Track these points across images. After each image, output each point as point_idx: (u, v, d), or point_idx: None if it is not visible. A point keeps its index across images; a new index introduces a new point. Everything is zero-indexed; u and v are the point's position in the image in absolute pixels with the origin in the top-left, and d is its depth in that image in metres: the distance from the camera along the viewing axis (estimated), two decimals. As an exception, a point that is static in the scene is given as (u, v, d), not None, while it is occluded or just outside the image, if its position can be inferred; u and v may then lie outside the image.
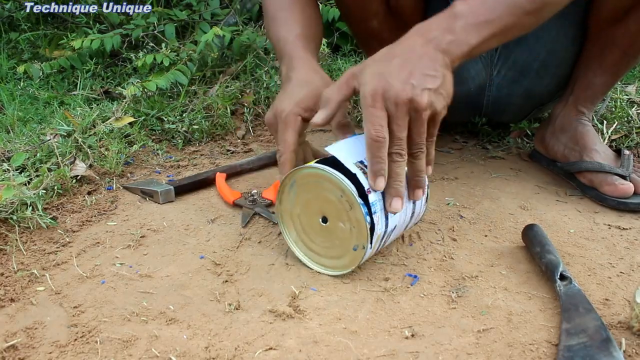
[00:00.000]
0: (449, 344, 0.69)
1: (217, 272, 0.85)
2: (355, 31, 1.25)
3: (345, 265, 0.81)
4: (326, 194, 0.78)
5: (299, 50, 0.96)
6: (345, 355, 0.67)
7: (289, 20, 1.02)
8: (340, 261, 0.82)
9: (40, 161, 1.17)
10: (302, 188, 0.82)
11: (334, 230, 0.80)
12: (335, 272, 0.83)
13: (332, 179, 0.76)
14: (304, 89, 0.89)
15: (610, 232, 0.98)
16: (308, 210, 0.83)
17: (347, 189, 0.75)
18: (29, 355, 0.68)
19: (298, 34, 0.99)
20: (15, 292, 0.80)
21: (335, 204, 0.78)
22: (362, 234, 0.77)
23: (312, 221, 0.83)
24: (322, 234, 0.82)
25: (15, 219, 0.96)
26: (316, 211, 0.81)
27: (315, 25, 1.05)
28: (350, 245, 0.79)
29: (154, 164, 1.26)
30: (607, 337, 0.67)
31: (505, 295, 0.79)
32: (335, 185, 0.77)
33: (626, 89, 1.58)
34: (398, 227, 0.83)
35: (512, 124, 1.44)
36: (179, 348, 0.68)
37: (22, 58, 1.93)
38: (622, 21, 1.04)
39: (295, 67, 0.94)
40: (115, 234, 0.96)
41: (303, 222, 0.84)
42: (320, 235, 0.83)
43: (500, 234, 0.97)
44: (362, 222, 0.75)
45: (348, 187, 0.75)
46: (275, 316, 0.74)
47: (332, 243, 0.82)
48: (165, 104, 1.47)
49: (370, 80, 0.72)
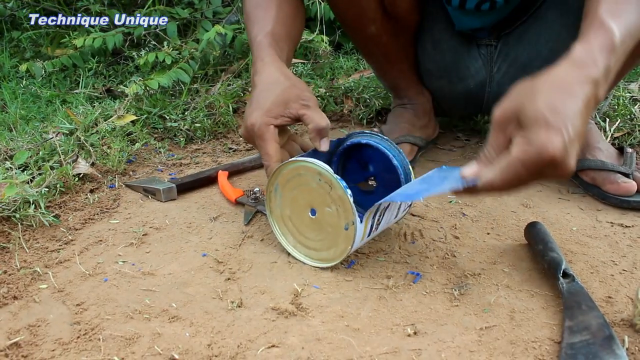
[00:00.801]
0: (452, 341, 0.69)
1: (219, 269, 0.85)
2: (353, 37, 1.25)
3: (342, 250, 0.81)
4: (307, 183, 0.81)
5: (264, 50, 0.94)
6: (348, 352, 0.67)
7: (261, 18, 0.99)
8: (338, 248, 0.82)
9: (43, 159, 1.17)
10: (285, 187, 0.84)
11: (323, 217, 0.82)
12: (336, 261, 0.83)
13: (308, 166, 0.79)
14: (270, 95, 0.89)
15: (613, 229, 0.98)
16: (296, 208, 0.85)
17: (323, 170, 0.78)
18: (32, 352, 0.68)
19: (267, 33, 0.96)
20: (18, 289, 0.80)
21: (317, 190, 0.80)
22: (347, 209, 0.78)
23: (302, 217, 0.85)
24: (314, 227, 0.84)
25: (18, 217, 0.96)
26: (304, 205, 0.83)
27: (290, 23, 1.02)
28: (341, 226, 0.80)
29: (156, 162, 1.26)
30: (610, 334, 0.67)
31: (508, 293, 0.79)
32: (312, 172, 0.79)
33: (629, 87, 1.58)
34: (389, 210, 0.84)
35: None
36: (181, 345, 0.69)
37: (25, 57, 1.93)
38: None
39: (259, 71, 0.93)
40: (118, 231, 0.96)
41: (295, 222, 0.86)
42: (313, 230, 0.84)
43: (503, 231, 0.97)
44: (344, 197, 0.77)
45: (323, 168, 0.78)
46: (277, 314, 0.74)
47: (326, 232, 0.82)
48: (167, 102, 1.48)
49: (542, 130, 0.62)
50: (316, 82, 1.72)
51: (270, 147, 0.87)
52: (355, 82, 1.66)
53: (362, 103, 1.56)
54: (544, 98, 0.63)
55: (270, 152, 0.87)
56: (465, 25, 1.17)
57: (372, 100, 1.54)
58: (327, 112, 1.56)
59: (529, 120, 0.63)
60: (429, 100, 1.31)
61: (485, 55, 1.22)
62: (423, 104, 1.30)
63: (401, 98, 1.31)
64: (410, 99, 1.29)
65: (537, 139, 0.62)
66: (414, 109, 1.29)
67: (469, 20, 1.16)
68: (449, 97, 1.30)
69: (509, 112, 0.66)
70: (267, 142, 0.87)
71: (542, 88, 0.65)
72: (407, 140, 1.22)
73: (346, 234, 0.80)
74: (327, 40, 1.89)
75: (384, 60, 1.25)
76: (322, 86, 1.67)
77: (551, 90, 0.64)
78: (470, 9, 1.12)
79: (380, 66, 1.29)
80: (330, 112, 1.56)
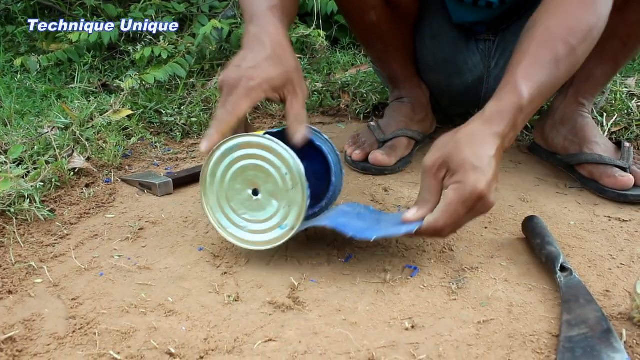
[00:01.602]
0: (450, 335, 0.69)
1: (216, 264, 0.85)
2: (353, 25, 1.24)
3: (267, 242, 0.81)
4: (270, 167, 0.78)
5: (276, 20, 0.88)
6: (345, 346, 0.67)
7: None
8: (264, 237, 0.81)
9: (38, 154, 1.16)
10: (243, 155, 0.79)
11: (265, 205, 0.80)
12: (256, 247, 0.82)
13: (284, 155, 0.76)
14: (277, 68, 0.83)
15: (611, 224, 0.98)
16: (241, 179, 0.81)
17: (296, 169, 0.76)
18: (27, 347, 0.67)
19: (274, 5, 0.90)
20: (13, 284, 0.79)
21: (276, 180, 0.78)
22: (296, 214, 0.78)
23: (240, 191, 0.81)
24: (248, 205, 0.81)
25: (12, 211, 0.95)
26: (250, 182, 0.80)
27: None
28: (278, 223, 0.79)
29: (152, 156, 1.26)
30: (608, 328, 0.67)
31: (506, 287, 0.79)
32: (284, 162, 0.77)
33: (626, 82, 1.58)
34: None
35: None
36: (178, 340, 0.68)
37: (19, 51, 1.92)
38: (622, 11, 1.03)
39: (270, 35, 0.86)
40: (114, 226, 0.96)
41: (229, 190, 0.82)
42: (246, 207, 0.81)
43: (500, 225, 0.96)
44: (301, 203, 0.77)
45: (298, 167, 0.76)
46: (274, 308, 0.74)
47: (258, 217, 0.81)
48: (163, 96, 1.47)
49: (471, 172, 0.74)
50: (313, 76, 1.71)
51: (245, 104, 0.80)
52: (352, 77, 1.65)
53: (359, 98, 1.56)
54: (467, 148, 0.76)
55: (242, 107, 0.80)
56: (462, 18, 1.17)
57: (369, 94, 1.54)
58: (324, 107, 1.56)
59: (459, 166, 0.75)
60: (427, 95, 1.31)
61: (484, 50, 1.22)
62: (420, 98, 1.29)
63: (399, 91, 1.30)
64: (407, 92, 1.29)
65: (468, 180, 0.73)
66: (411, 103, 1.28)
67: (466, 14, 1.16)
68: (446, 92, 1.30)
69: (438, 161, 0.77)
70: (248, 99, 0.80)
71: (464, 140, 0.77)
72: (404, 134, 1.22)
73: (280, 233, 0.80)
74: (324, 35, 1.88)
75: (382, 49, 1.24)
76: (319, 81, 1.66)
77: (471, 141, 0.77)
78: (468, 2, 1.11)
79: (379, 55, 1.28)
80: (327, 107, 1.56)
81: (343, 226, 0.78)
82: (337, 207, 0.88)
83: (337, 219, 0.81)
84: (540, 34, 0.83)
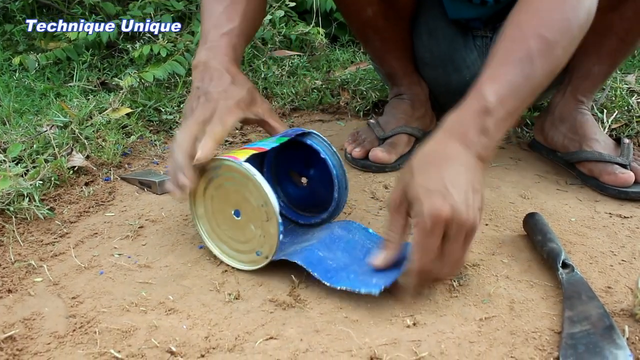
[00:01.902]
0: (451, 332, 0.69)
1: (216, 262, 0.84)
2: (350, 21, 1.24)
3: (243, 261, 0.82)
4: (249, 196, 0.77)
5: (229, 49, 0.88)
6: (347, 344, 0.66)
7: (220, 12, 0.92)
8: (240, 256, 0.82)
9: (37, 152, 1.15)
10: (227, 178, 0.79)
11: (244, 228, 0.80)
12: (234, 264, 0.83)
13: (261, 189, 0.75)
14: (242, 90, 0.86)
15: (612, 220, 0.98)
16: (224, 198, 0.81)
17: (271, 204, 0.75)
18: (27, 346, 0.67)
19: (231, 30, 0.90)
20: (13, 283, 0.79)
21: (254, 209, 0.78)
22: (270, 245, 0.78)
23: (224, 209, 0.82)
24: (229, 224, 0.82)
25: (12, 210, 0.95)
26: (233, 203, 0.80)
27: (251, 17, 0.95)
28: (254, 248, 0.80)
29: (152, 154, 1.25)
30: (610, 324, 0.67)
31: (507, 284, 0.79)
32: (261, 195, 0.76)
33: (626, 78, 1.57)
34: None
35: None
36: (178, 338, 0.68)
37: (18, 50, 1.91)
38: (618, 8, 1.03)
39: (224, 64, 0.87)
40: (113, 224, 0.96)
41: (215, 205, 0.83)
42: (228, 225, 0.82)
43: (501, 222, 0.96)
44: (275, 237, 0.76)
45: (273, 203, 0.75)
46: (275, 305, 0.74)
47: (238, 237, 0.82)
48: (162, 94, 1.46)
49: (426, 199, 0.67)
50: (312, 74, 1.71)
51: (228, 122, 0.81)
52: (352, 74, 1.65)
53: (359, 95, 1.55)
54: (419, 174, 0.70)
55: (226, 126, 0.80)
56: (458, 14, 1.17)
57: (369, 92, 1.53)
58: (324, 104, 1.55)
59: (413, 198, 0.69)
60: (426, 91, 1.30)
61: (481, 47, 1.22)
62: (419, 94, 1.29)
63: (397, 88, 1.30)
64: (406, 89, 1.28)
65: (423, 209, 0.67)
66: (410, 100, 1.28)
67: (461, 10, 1.16)
68: (445, 89, 1.30)
69: (398, 196, 0.72)
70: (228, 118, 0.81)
71: (417, 166, 0.71)
72: (404, 131, 1.22)
73: (255, 258, 0.81)
74: (323, 33, 1.88)
75: (380, 45, 1.24)
76: (319, 78, 1.66)
77: (423, 165, 0.71)
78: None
79: (377, 52, 1.28)
80: (326, 105, 1.55)
81: (313, 266, 0.77)
82: (329, 232, 0.87)
83: (312, 254, 0.79)
84: (510, 32, 0.78)
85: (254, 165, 0.77)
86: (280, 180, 0.96)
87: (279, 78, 1.63)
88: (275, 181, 0.96)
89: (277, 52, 1.79)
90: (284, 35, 1.84)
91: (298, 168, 0.95)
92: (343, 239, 0.85)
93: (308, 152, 0.87)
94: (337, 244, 0.84)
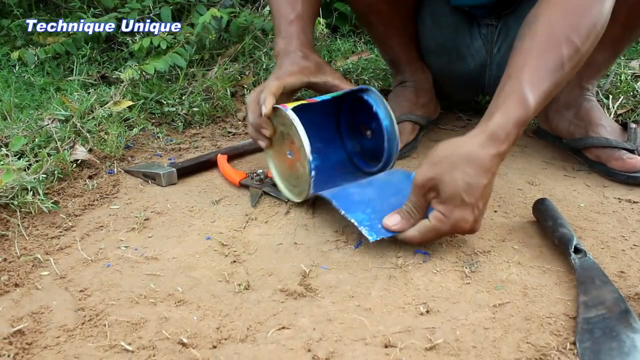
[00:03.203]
0: (465, 319, 0.68)
1: (224, 252, 0.83)
2: (354, 6, 1.23)
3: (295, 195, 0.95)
4: (295, 138, 0.89)
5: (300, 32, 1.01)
6: (361, 332, 0.66)
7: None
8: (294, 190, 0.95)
9: (39, 146, 1.14)
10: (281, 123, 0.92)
11: (294, 166, 0.92)
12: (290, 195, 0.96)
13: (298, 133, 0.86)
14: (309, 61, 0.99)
15: (621, 205, 0.97)
16: (281, 141, 0.94)
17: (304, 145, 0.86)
18: (37, 339, 0.66)
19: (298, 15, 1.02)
20: (20, 277, 0.78)
21: (299, 149, 0.88)
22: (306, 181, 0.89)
23: (282, 150, 0.95)
24: (287, 162, 0.94)
25: (16, 204, 0.94)
26: (286, 145, 0.93)
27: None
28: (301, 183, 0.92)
29: (155, 147, 1.24)
30: (626, 308, 0.66)
31: (520, 270, 0.78)
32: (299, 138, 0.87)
33: (630, 64, 1.56)
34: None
35: None
36: (189, 329, 0.67)
37: (15, 45, 1.89)
38: None
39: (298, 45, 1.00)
40: (119, 217, 0.95)
41: (275, 146, 0.96)
42: (286, 163, 0.95)
43: (510, 209, 0.95)
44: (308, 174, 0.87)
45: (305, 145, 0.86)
46: (286, 295, 0.73)
47: (292, 173, 0.94)
48: (164, 87, 1.45)
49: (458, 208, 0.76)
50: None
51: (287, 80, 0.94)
52: (354, 64, 1.64)
53: (362, 84, 1.54)
54: (460, 175, 0.75)
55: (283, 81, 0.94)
56: (460, 0, 1.15)
57: (372, 81, 1.52)
58: (326, 95, 1.54)
59: (447, 196, 0.75)
60: (429, 79, 1.29)
61: (486, 36, 1.20)
62: (423, 81, 1.28)
63: (401, 75, 1.29)
64: (410, 76, 1.27)
65: (453, 215, 0.76)
66: (414, 87, 1.27)
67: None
68: (449, 78, 1.28)
69: (430, 182, 0.77)
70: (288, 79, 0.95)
71: (459, 162, 0.75)
72: (408, 118, 1.21)
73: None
74: (324, 23, 1.86)
75: (383, 30, 1.23)
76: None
77: (466, 166, 0.75)
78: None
79: (380, 37, 1.27)
80: (329, 95, 1.54)
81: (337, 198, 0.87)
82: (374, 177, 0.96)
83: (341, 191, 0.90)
84: (543, 33, 0.80)
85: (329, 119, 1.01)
86: (356, 133, 1.06)
87: (281, 69, 1.62)
88: (351, 133, 1.07)
89: (278, 43, 1.77)
90: (285, 26, 1.83)
91: (365, 121, 1.02)
92: (380, 179, 0.94)
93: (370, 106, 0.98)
94: (372, 184, 0.93)
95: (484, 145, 0.76)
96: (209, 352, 0.63)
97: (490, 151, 0.75)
